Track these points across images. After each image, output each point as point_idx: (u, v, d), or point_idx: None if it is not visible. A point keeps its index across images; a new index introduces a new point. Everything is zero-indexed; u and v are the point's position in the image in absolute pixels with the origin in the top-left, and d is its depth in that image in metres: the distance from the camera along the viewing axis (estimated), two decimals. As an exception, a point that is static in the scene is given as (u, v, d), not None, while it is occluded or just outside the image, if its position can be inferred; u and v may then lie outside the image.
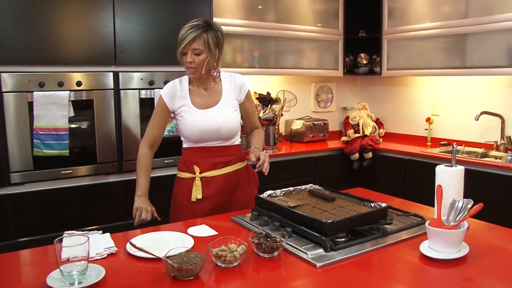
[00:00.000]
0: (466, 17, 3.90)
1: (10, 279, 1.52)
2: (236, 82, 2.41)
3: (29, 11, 2.88)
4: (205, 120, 2.30)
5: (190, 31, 2.17)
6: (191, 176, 2.35)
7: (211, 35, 2.20)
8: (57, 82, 2.99)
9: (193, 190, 2.33)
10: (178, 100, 2.33)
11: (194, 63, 2.20)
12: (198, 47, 2.18)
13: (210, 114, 2.31)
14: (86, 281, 1.39)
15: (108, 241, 1.76)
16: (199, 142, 2.33)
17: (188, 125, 2.31)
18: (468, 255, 1.58)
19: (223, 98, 2.36)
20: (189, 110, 2.31)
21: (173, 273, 1.42)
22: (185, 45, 2.17)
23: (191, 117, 2.30)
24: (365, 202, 1.96)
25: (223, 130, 2.32)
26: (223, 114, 2.33)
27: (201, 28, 2.18)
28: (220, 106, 2.34)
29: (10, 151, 2.90)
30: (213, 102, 2.35)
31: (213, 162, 2.34)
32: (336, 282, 1.45)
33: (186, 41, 2.16)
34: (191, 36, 2.16)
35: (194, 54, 2.19)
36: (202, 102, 2.34)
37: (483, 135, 4.14)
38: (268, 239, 1.60)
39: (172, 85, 2.36)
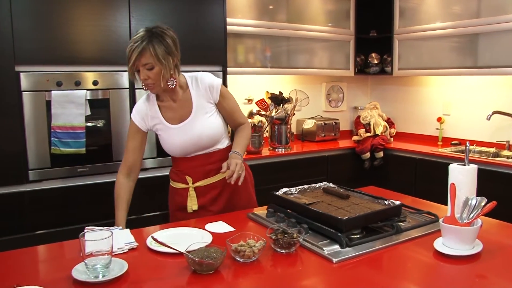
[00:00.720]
0: (478, 17, 3.92)
1: (37, 272, 1.58)
2: (204, 84, 2.21)
3: (47, 12, 2.95)
4: (182, 135, 2.17)
5: (134, 46, 1.96)
6: (184, 186, 2.26)
7: (157, 45, 1.98)
8: (74, 82, 3.05)
9: (188, 201, 2.25)
10: (150, 119, 2.19)
11: (150, 79, 2.01)
12: (147, 61, 1.97)
13: (186, 127, 2.17)
14: (110, 274, 1.44)
15: (128, 236, 1.81)
16: (184, 155, 2.23)
17: (166, 143, 2.21)
18: (481, 252, 1.61)
19: (195, 106, 2.18)
20: (163, 128, 2.19)
21: (194, 267, 1.47)
22: (133, 62, 1.98)
23: (168, 135, 2.19)
24: (379, 200, 1.99)
25: (204, 140, 2.20)
26: (199, 124, 2.18)
27: (145, 39, 1.96)
28: (194, 116, 2.18)
29: (29, 149, 2.97)
30: (186, 113, 2.19)
31: (204, 170, 2.24)
32: (352, 277, 1.49)
33: (133, 58, 1.97)
34: (137, 51, 1.95)
35: (147, 70, 1.99)
36: (175, 116, 2.19)
37: (494, 135, 4.15)
38: (285, 235, 1.64)
39: (141, 104, 2.21)
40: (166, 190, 3.32)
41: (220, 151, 2.26)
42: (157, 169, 3.42)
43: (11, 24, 2.82)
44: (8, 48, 2.84)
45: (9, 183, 2.93)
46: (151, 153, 3.37)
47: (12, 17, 2.82)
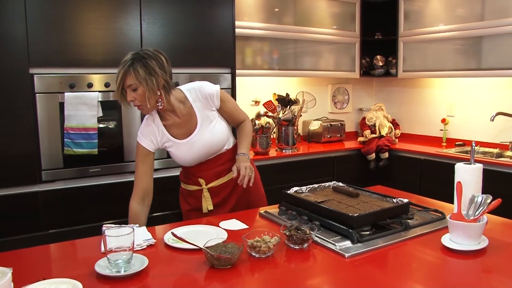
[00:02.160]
0: (482, 20, 3.97)
1: (60, 267, 1.65)
2: (203, 94, 2.25)
3: (60, 16, 3.01)
4: (193, 148, 2.23)
5: (120, 68, 2.04)
6: (198, 188, 2.34)
7: (139, 66, 2.01)
8: (86, 84, 3.12)
9: (202, 202, 2.32)
10: (160, 138, 2.24)
11: (136, 100, 2.06)
12: (130, 82, 2.02)
13: (195, 140, 2.23)
14: (131, 269, 1.50)
15: (146, 233, 1.87)
16: (196, 163, 2.30)
17: (178, 157, 2.27)
18: (487, 247, 1.67)
19: (200, 118, 2.24)
20: (173, 145, 2.24)
21: (212, 262, 1.53)
22: (118, 85, 2.04)
23: (179, 150, 2.24)
24: (387, 198, 2.05)
25: (214, 147, 2.28)
26: (207, 134, 2.25)
27: (128, 62, 2.03)
28: (201, 128, 2.23)
29: (42, 150, 3.03)
30: (192, 127, 2.24)
31: (216, 172, 2.32)
32: (364, 272, 1.55)
33: (118, 80, 2.04)
34: (120, 74, 2.03)
35: (132, 91, 2.04)
36: (182, 132, 2.24)
37: (498, 136, 4.21)
38: (299, 231, 1.70)
39: (145, 127, 2.24)
40: (175, 190, 3.39)
41: (228, 151, 2.35)
42: (167, 170, 3.48)
43: (25, 28, 2.89)
44: (22, 51, 2.90)
45: (22, 183, 2.99)
46: (161, 154, 3.43)
47: (27, 21, 2.89)
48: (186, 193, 2.40)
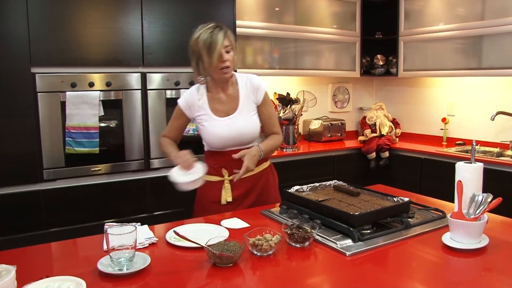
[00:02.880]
0: (482, 19, 3.98)
1: (63, 265, 1.66)
2: (252, 84, 2.36)
3: (62, 15, 3.02)
4: (227, 128, 2.28)
5: (215, 32, 2.15)
6: (219, 179, 2.35)
7: (230, 33, 2.22)
8: (88, 83, 3.13)
9: (222, 193, 2.34)
10: (197, 109, 2.32)
11: (228, 61, 2.19)
12: (228, 43, 2.17)
13: (231, 121, 2.30)
14: (133, 267, 1.51)
15: (147, 232, 1.88)
16: (222, 148, 2.32)
17: (209, 134, 2.31)
18: (487, 246, 1.68)
19: (241, 103, 2.32)
20: (209, 119, 2.30)
21: (214, 260, 1.54)
22: (219, 46, 2.13)
23: (212, 126, 2.29)
24: (388, 197, 2.06)
25: (245, 136, 2.32)
26: (244, 121, 2.32)
27: (219, 26, 2.19)
28: (240, 112, 2.31)
29: (44, 149, 3.04)
30: (232, 108, 2.32)
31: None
32: (365, 269, 1.56)
33: (221, 40, 2.14)
34: (221, 34, 2.15)
35: (226, 53, 2.17)
36: (222, 109, 2.31)
37: (498, 135, 4.22)
38: (300, 230, 1.71)
39: (190, 94, 2.34)
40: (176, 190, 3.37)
41: None
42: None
43: (27, 27, 2.90)
44: (24, 50, 2.92)
45: (24, 182, 3.01)
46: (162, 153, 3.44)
47: (29, 20, 2.90)
48: (206, 185, 2.35)
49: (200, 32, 2.19)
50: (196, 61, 2.25)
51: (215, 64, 2.18)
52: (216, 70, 2.21)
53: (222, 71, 2.21)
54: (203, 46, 2.16)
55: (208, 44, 2.14)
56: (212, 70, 2.22)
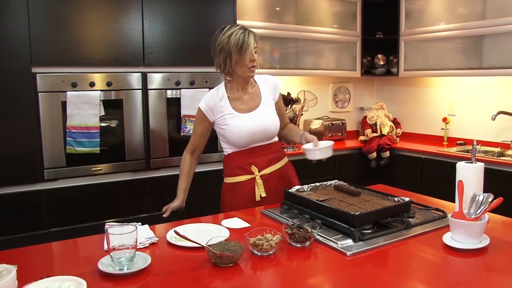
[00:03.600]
0: (483, 19, 3.98)
1: (63, 265, 1.66)
2: (270, 82, 2.49)
3: (62, 15, 3.03)
4: (252, 122, 2.34)
5: (246, 32, 2.25)
6: (249, 177, 2.39)
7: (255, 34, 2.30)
8: (88, 83, 3.13)
9: (256, 190, 2.38)
10: (219, 111, 2.36)
11: (255, 61, 2.28)
12: (256, 45, 2.27)
13: (256, 116, 2.37)
14: (134, 267, 1.51)
15: (148, 231, 1.88)
16: (247, 145, 2.38)
17: (235, 130, 2.34)
18: (488, 246, 1.67)
19: (263, 99, 2.42)
20: (233, 117, 2.34)
21: (214, 260, 1.54)
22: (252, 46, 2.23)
23: (237, 122, 2.33)
24: (389, 196, 2.06)
25: (270, 130, 2.40)
26: (267, 115, 2.40)
27: (247, 29, 2.28)
28: (263, 108, 2.40)
29: (44, 149, 3.05)
30: (255, 105, 2.40)
31: (268, 159, 2.42)
32: (366, 269, 1.56)
33: (252, 42, 2.23)
34: (251, 37, 2.25)
35: (255, 53, 2.27)
36: (244, 107, 2.38)
37: (499, 135, 4.22)
38: (301, 229, 1.71)
39: (210, 96, 2.38)
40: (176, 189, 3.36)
41: (274, 143, 2.49)
42: (168, 169, 3.49)
43: (28, 27, 2.91)
44: (25, 50, 2.92)
45: (25, 182, 3.01)
46: (161, 153, 3.44)
47: (29, 20, 2.91)
48: (236, 186, 2.42)
49: (232, 31, 2.25)
50: (224, 59, 2.29)
51: (246, 63, 2.26)
52: (245, 68, 2.28)
53: (249, 70, 2.29)
54: (235, 45, 2.23)
55: (241, 44, 2.22)
56: (239, 68, 2.29)
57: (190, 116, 3.48)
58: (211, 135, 3.56)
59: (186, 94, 3.46)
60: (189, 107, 3.47)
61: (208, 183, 3.65)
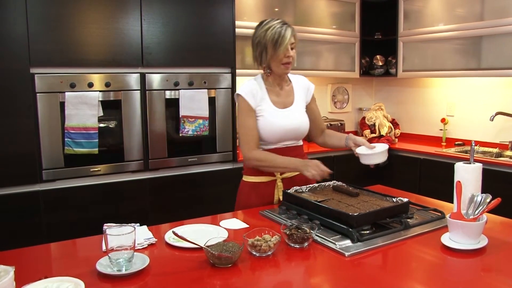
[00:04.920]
0: (481, 20, 3.98)
1: (61, 266, 1.65)
2: (303, 84, 2.46)
3: (61, 16, 3.02)
4: (287, 118, 2.32)
5: (284, 27, 2.20)
6: (270, 179, 2.34)
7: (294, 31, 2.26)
8: (87, 83, 3.13)
9: (275, 192, 2.34)
10: (259, 99, 2.31)
11: (291, 57, 2.24)
12: (293, 41, 2.23)
13: (290, 113, 2.34)
14: (132, 268, 1.50)
15: (146, 232, 1.88)
16: (277, 142, 2.32)
17: (270, 124, 2.29)
18: (486, 246, 1.68)
19: (296, 98, 2.39)
20: (269, 110, 2.31)
21: (213, 261, 1.54)
22: (287, 41, 2.19)
23: (273, 117, 2.30)
24: (387, 197, 2.06)
25: (301, 130, 2.37)
26: (301, 114, 2.38)
27: (287, 24, 2.23)
28: (296, 106, 2.37)
29: (43, 149, 3.04)
30: (289, 101, 2.37)
31: None
32: (365, 270, 1.56)
33: (288, 37, 2.19)
34: (289, 32, 2.20)
35: (291, 49, 2.23)
36: (280, 101, 2.35)
37: (498, 136, 4.22)
38: (299, 230, 1.71)
39: (249, 84, 2.33)
40: (176, 190, 3.39)
41: (301, 146, 2.47)
42: (167, 169, 3.50)
43: (26, 28, 2.90)
44: (23, 51, 2.92)
45: (23, 183, 3.01)
46: (159, 154, 3.44)
47: (28, 21, 2.90)
48: (250, 186, 2.38)
49: (270, 25, 2.22)
50: (260, 52, 2.27)
51: (280, 58, 2.23)
52: (279, 64, 2.25)
53: (284, 66, 2.25)
54: (271, 39, 2.20)
55: (277, 38, 2.19)
56: (274, 63, 2.26)
57: (189, 116, 3.48)
58: (209, 135, 3.60)
59: (184, 94, 3.46)
60: (188, 107, 3.47)
61: (207, 184, 3.67)
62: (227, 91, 3.68)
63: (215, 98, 3.63)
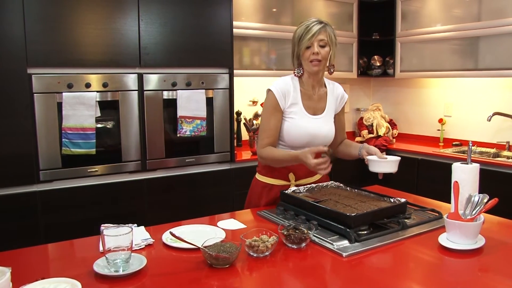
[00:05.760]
0: (479, 20, 3.99)
1: (58, 266, 1.65)
2: (338, 91, 2.39)
3: (58, 16, 3.02)
4: (317, 126, 2.26)
5: (313, 23, 2.15)
6: (284, 183, 2.30)
7: (331, 30, 2.19)
8: (84, 83, 3.12)
9: None
10: (290, 100, 2.24)
11: (320, 54, 2.14)
12: (324, 38, 2.14)
13: (320, 121, 2.28)
14: (130, 268, 1.50)
15: (144, 233, 1.88)
16: (301, 148, 2.18)
17: (298, 129, 2.24)
18: (484, 247, 1.68)
19: (328, 106, 2.33)
20: (300, 113, 2.25)
21: (210, 261, 1.54)
22: (311, 35, 2.13)
23: (303, 122, 2.24)
24: (385, 197, 2.06)
25: (328, 139, 2.32)
26: (330, 122, 2.33)
27: (322, 22, 2.17)
28: (326, 114, 2.31)
29: (40, 150, 3.03)
30: (320, 108, 2.31)
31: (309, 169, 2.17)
32: (362, 270, 1.56)
33: (313, 32, 2.13)
34: (317, 27, 2.13)
35: (320, 46, 2.15)
36: (312, 106, 2.28)
37: (495, 136, 4.23)
38: (297, 230, 1.71)
39: (283, 81, 2.26)
40: (171, 190, 3.38)
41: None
42: (163, 170, 3.49)
43: (23, 28, 2.89)
44: (20, 51, 2.91)
45: (20, 183, 3.00)
46: (157, 155, 3.44)
47: (25, 21, 2.89)
48: (263, 186, 2.34)
49: (303, 23, 2.19)
50: (293, 51, 2.25)
51: (303, 53, 2.18)
52: (306, 61, 2.19)
53: (311, 63, 2.18)
54: (297, 36, 2.19)
55: (301, 34, 2.17)
56: (303, 61, 2.21)
57: (187, 117, 3.48)
58: (207, 136, 3.60)
59: (182, 95, 3.45)
60: (186, 108, 3.46)
61: (205, 184, 3.67)
62: (224, 92, 3.67)
63: (213, 98, 3.62)
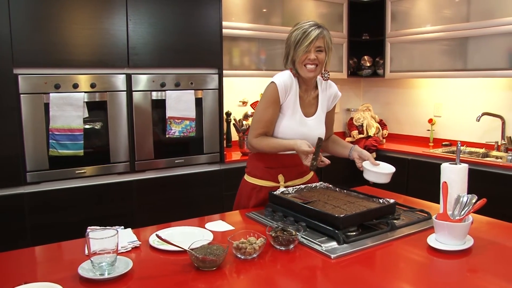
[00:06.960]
0: (468, 21, 4.00)
1: (42, 270, 1.63)
2: (332, 91, 2.37)
3: (45, 16, 2.98)
4: (309, 128, 2.26)
5: (312, 28, 2.11)
6: (273, 185, 2.28)
7: (328, 35, 2.16)
8: (72, 84, 3.09)
9: None
10: (289, 96, 2.22)
11: (317, 60, 2.13)
12: (321, 44, 2.12)
13: (312, 122, 2.28)
14: (115, 271, 1.48)
15: (131, 235, 1.85)
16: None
17: (286, 128, 2.23)
18: (472, 247, 1.67)
19: (319, 108, 2.32)
20: (296, 113, 2.24)
21: (197, 264, 1.52)
22: (310, 41, 2.10)
23: (296, 122, 2.24)
24: (374, 198, 2.06)
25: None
26: (321, 125, 2.32)
27: (320, 27, 2.13)
28: (318, 116, 2.31)
29: (27, 151, 2.99)
30: (312, 111, 2.30)
31: (298, 171, 2.29)
32: (350, 272, 1.55)
33: (311, 38, 2.09)
34: (315, 32, 2.10)
35: (317, 51, 2.13)
36: (305, 108, 2.27)
37: (484, 136, 4.24)
38: (285, 232, 1.70)
39: (289, 76, 2.22)
40: (160, 192, 3.35)
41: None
42: (153, 171, 3.47)
43: (9, 27, 2.86)
44: (6, 51, 2.87)
45: (7, 185, 2.96)
46: (147, 155, 3.41)
47: (11, 20, 2.86)
48: (252, 188, 2.31)
49: (299, 26, 2.16)
50: (286, 53, 2.22)
51: (300, 59, 2.15)
52: (302, 66, 2.17)
53: (307, 69, 2.16)
54: (294, 40, 2.15)
55: (298, 39, 2.13)
56: (297, 65, 2.18)
57: (175, 118, 3.45)
58: (196, 136, 3.58)
59: (171, 95, 3.43)
60: (175, 108, 3.44)
61: (194, 185, 3.65)
62: (214, 92, 3.66)
63: (202, 99, 3.60)
